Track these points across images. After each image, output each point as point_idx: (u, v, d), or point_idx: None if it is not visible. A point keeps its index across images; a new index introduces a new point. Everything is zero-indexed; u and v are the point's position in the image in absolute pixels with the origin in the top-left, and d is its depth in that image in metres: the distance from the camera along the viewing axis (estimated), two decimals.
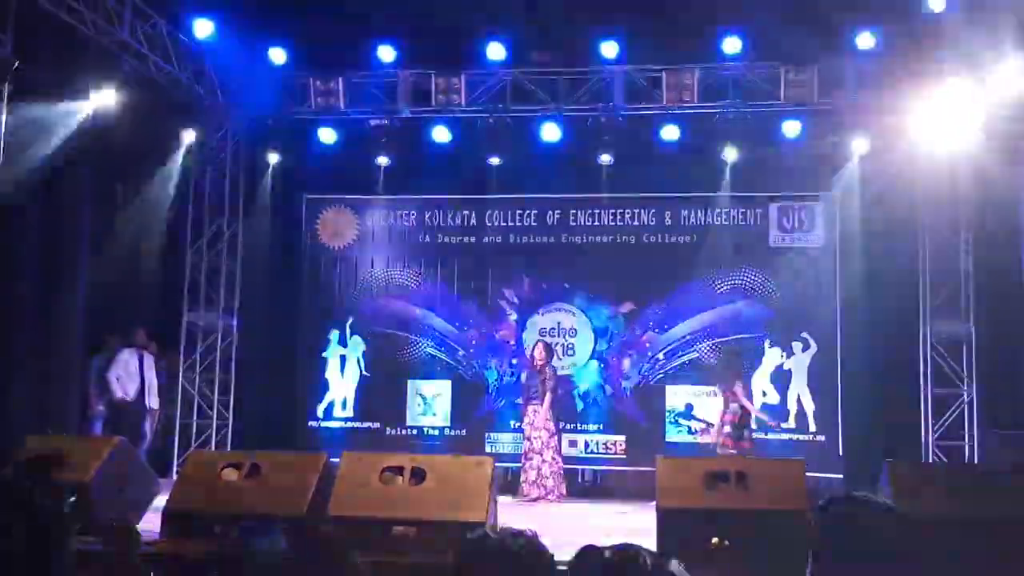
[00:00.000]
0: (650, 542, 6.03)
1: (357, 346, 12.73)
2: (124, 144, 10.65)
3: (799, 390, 11.73)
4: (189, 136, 11.97)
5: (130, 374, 11.26)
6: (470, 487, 6.26)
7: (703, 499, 6.00)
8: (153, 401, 11.46)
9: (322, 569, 2.52)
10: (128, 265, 11.49)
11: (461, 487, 6.24)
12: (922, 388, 11.26)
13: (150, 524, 6.81)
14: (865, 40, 10.62)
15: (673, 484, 6.29)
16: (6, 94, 8.50)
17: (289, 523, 5.41)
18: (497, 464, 7.00)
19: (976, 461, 10.32)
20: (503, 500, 8.05)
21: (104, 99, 10.22)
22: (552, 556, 2.30)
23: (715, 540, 6.01)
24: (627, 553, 1.60)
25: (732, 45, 10.83)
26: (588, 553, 1.77)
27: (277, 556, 2.55)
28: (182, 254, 12.43)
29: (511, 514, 7.45)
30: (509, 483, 10.75)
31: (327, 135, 12.11)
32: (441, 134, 11.83)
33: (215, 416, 12.32)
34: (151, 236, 11.94)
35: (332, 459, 6.81)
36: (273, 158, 12.51)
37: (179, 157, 11.97)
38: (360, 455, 6.81)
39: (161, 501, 6.88)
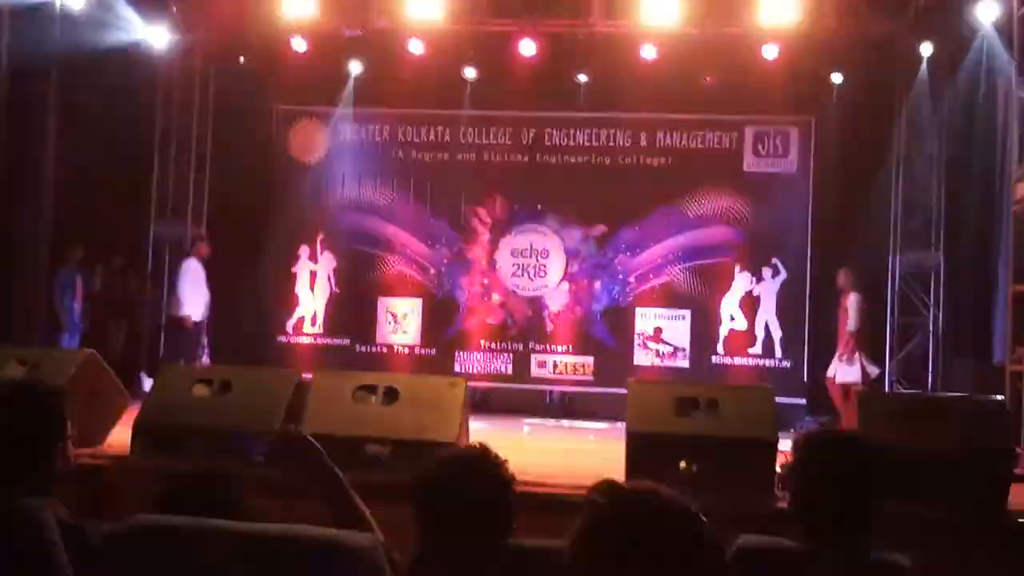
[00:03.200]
0: (619, 465, 6.11)
1: (328, 262, 12.64)
2: (91, 47, 10.36)
3: (767, 316, 11.83)
4: (158, 40, 11.63)
5: (199, 287, 11.24)
6: (443, 407, 6.26)
7: (673, 424, 6.03)
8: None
9: (300, 473, 2.57)
10: (94, 174, 11.24)
11: (434, 407, 6.24)
12: (888, 316, 11.41)
13: (119, 438, 6.80)
14: None
15: (643, 408, 6.31)
16: None
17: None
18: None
19: (939, 390, 10.50)
20: (474, 421, 8.10)
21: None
22: (505, 463, 2.42)
23: (683, 464, 6.07)
24: (649, 495, 1.56)
25: None
26: (610, 487, 1.62)
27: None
28: (149, 163, 12.21)
29: (483, 435, 7.50)
30: (478, 403, 10.81)
31: (299, 44, 11.78)
32: (416, 47, 11.58)
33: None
34: (118, 145, 11.67)
35: (304, 375, 6.80)
36: (244, 65, 12.17)
37: (147, 63, 11.66)
38: (333, 373, 6.79)
39: (129, 416, 6.86)
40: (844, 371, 10.14)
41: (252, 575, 1.59)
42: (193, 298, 11.17)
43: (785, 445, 6.25)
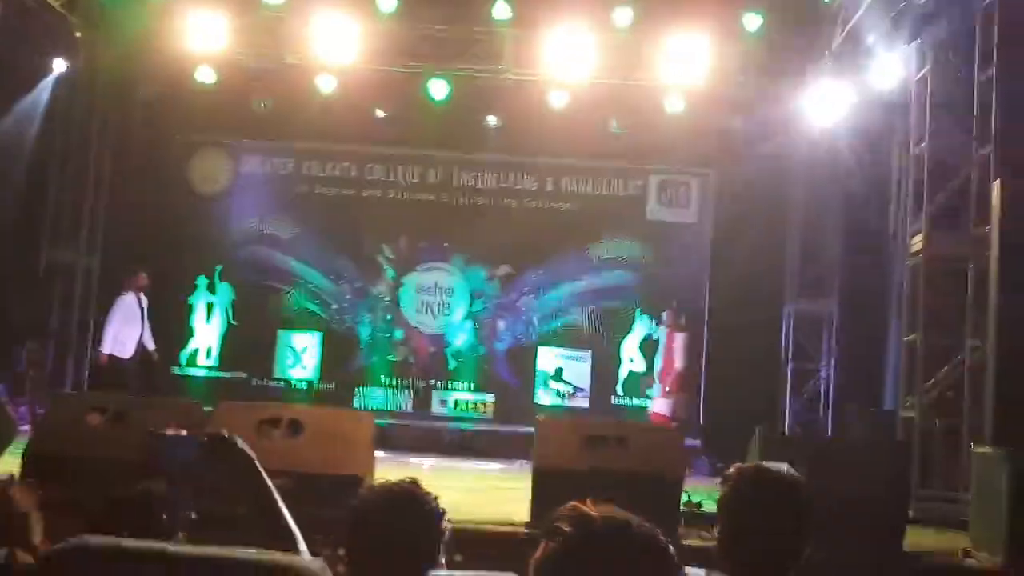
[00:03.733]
0: (524, 502, 6.10)
1: (225, 294, 12.40)
2: None
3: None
4: (60, 66, 11.32)
5: (131, 323, 10.53)
6: (349, 441, 6.20)
7: (580, 460, 6.06)
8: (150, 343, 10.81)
9: (232, 477, 2.59)
10: None
11: (341, 441, 6.16)
12: (782, 363, 11.72)
13: (7, 468, 6.52)
14: (753, 22, 10.79)
15: (551, 444, 6.35)
16: None
17: None
18: None
19: (832, 434, 10.81)
20: (379, 455, 8.01)
21: None
22: (436, 500, 2.40)
23: (588, 501, 6.09)
24: (618, 521, 1.54)
25: (623, 16, 10.82)
26: (577, 518, 1.55)
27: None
28: (46, 189, 11.82)
29: (386, 470, 7.41)
30: (376, 440, 10.66)
31: (205, 74, 11.60)
32: (326, 83, 11.51)
33: (71, 357, 11.82)
34: (14, 170, 11.29)
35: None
36: (147, 94, 11.92)
37: (48, 87, 11.34)
38: (236, 405, 6.65)
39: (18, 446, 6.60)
40: (661, 404, 10.57)
41: None
42: (121, 335, 10.53)
43: (688, 484, 6.36)
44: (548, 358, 12.20)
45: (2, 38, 9.87)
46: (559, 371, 12.16)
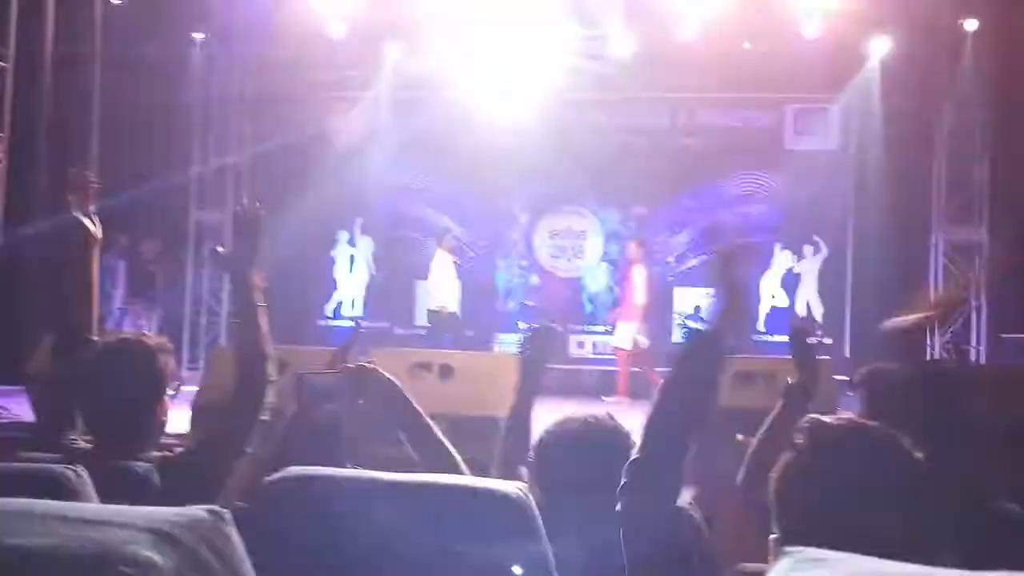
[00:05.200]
0: None
1: (366, 246, 12.68)
2: (135, 45, 10.45)
3: (808, 294, 11.78)
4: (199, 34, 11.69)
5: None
6: (498, 383, 6.28)
7: (730, 398, 5.99)
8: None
9: (381, 405, 2.68)
10: (138, 165, 11.28)
11: (489, 383, 6.26)
12: (932, 292, 11.32)
13: (177, 420, 6.88)
14: None
15: None
16: None
17: None
18: None
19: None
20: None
21: None
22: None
23: (740, 438, 6.05)
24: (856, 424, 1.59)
25: None
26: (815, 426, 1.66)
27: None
28: (190, 151, 12.28)
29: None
30: None
31: (336, 29, 11.71)
32: (455, 34, 11.51)
33: (222, 314, 12.33)
34: (156, 134, 11.73)
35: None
36: (280, 54, 12.14)
37: (193, 56, 11.72)
38: (388, 351, 6.83)
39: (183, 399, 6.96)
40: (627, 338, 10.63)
41: (409, 524, 1.61)
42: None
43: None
44: (686, 297, 12.09)
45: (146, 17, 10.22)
46: (697, 310, 12.03)
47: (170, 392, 2.67)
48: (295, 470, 1.67)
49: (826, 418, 1.64)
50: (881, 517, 1.51)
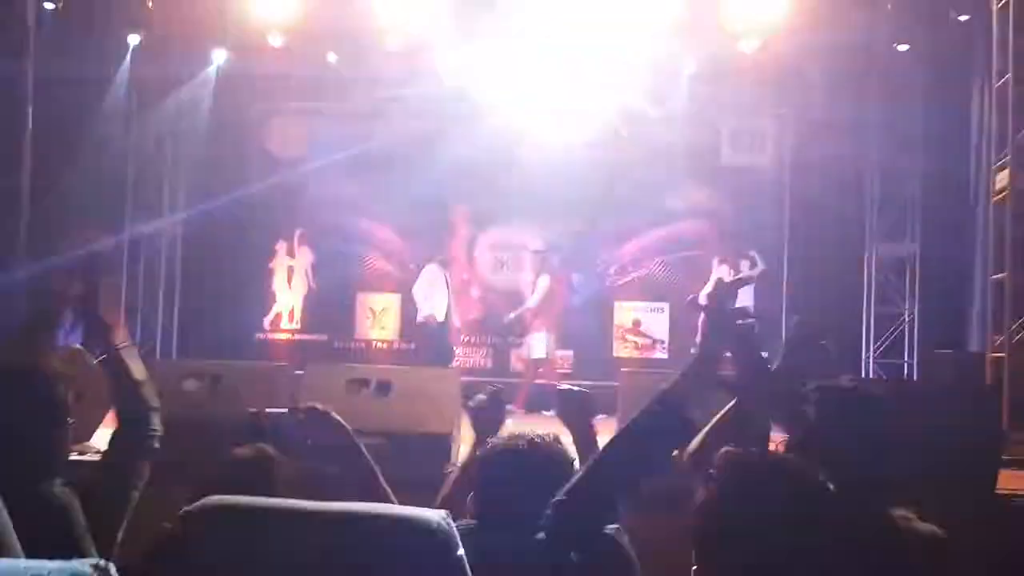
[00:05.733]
0: None
1: (305, 257, 12.60)
2: (66, 49, 10.26)
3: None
4: (134, 39, 11.49)
5: None
6: (436, 399, 6.28)
7: None
8: None
9: (330, 449, 2.71)
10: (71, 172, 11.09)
11: (427, 399, 6.25)
12: (864, 307, 11.57)
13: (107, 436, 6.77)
14: None
15: (635, 399, 6.36)
16: None
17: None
18: None
19: (915, 379, 10.66)
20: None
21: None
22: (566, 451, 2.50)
23: (675, 453, 6.11)
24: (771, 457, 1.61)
25: None
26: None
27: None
28: (124, 160, 12.10)
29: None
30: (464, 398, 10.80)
31: (275, 40, 11.67)
32: (394, 42, 11.49)
33: (159, 327, 12.16)
34: (90, 145, 11.54)
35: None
36: (221, 59, 12.01)
37: (125, 60, 11.54)
38: (324, 366, 6.78)
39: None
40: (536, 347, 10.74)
41: (328, 552, 1.60)
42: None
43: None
44: (625, 311, 12.18)
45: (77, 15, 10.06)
46: (636, 323, 12.14)
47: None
48: (214, 500, 1.66)
49: (739, 451, 1.67)
50: (793, 547, 1.54)
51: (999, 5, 8.15)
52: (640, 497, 2.37)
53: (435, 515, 1.74)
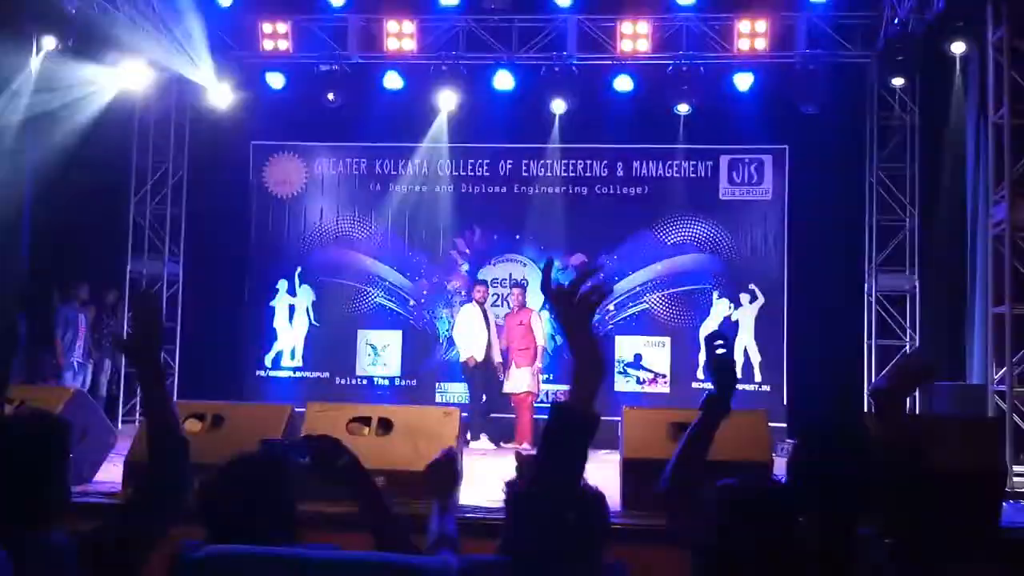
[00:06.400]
0: (614, 490, 6.13)
1: (306, 295, 12.61)
2: (65, 85, 10.36)
3: (746, 341, 11.91)
4: (135, 79, 11.54)
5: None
6: (437, 437, 6.27)
7: (668, 450, 6.06)
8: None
9: (338, 478, 2.67)
10: (70, 213, 11.12)
11: (429, 437, 6.25)
12: (865, 339, 11.57)
13: (109, 475, 6.77)
14: None
15: (638, 435, 6.38)
16: None
17: None
18: None
19: (916, 412, 10.60)
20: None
21: (47, 44, 10.19)
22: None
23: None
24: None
25: None
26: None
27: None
28: (125, 201, 12.18)
29: (474, 465, 7.54)
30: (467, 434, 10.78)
31: (275, 80, 11.83)
32: (392, 81, 11.65)
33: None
34: (93, 184, 11.59)
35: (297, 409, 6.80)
36: (220, 102, 12.09)
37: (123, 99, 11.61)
38: (325, 405, 6.77)
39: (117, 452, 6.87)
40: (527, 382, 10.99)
41: None
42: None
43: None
44: (626, 345, 12.17)
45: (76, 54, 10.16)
46: (638, 357, 12.13)
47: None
48: (217, 548, 1.66)
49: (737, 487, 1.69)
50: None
51: (995, 40, 8.23)
52: None
53: (440, 564, 1.75)
